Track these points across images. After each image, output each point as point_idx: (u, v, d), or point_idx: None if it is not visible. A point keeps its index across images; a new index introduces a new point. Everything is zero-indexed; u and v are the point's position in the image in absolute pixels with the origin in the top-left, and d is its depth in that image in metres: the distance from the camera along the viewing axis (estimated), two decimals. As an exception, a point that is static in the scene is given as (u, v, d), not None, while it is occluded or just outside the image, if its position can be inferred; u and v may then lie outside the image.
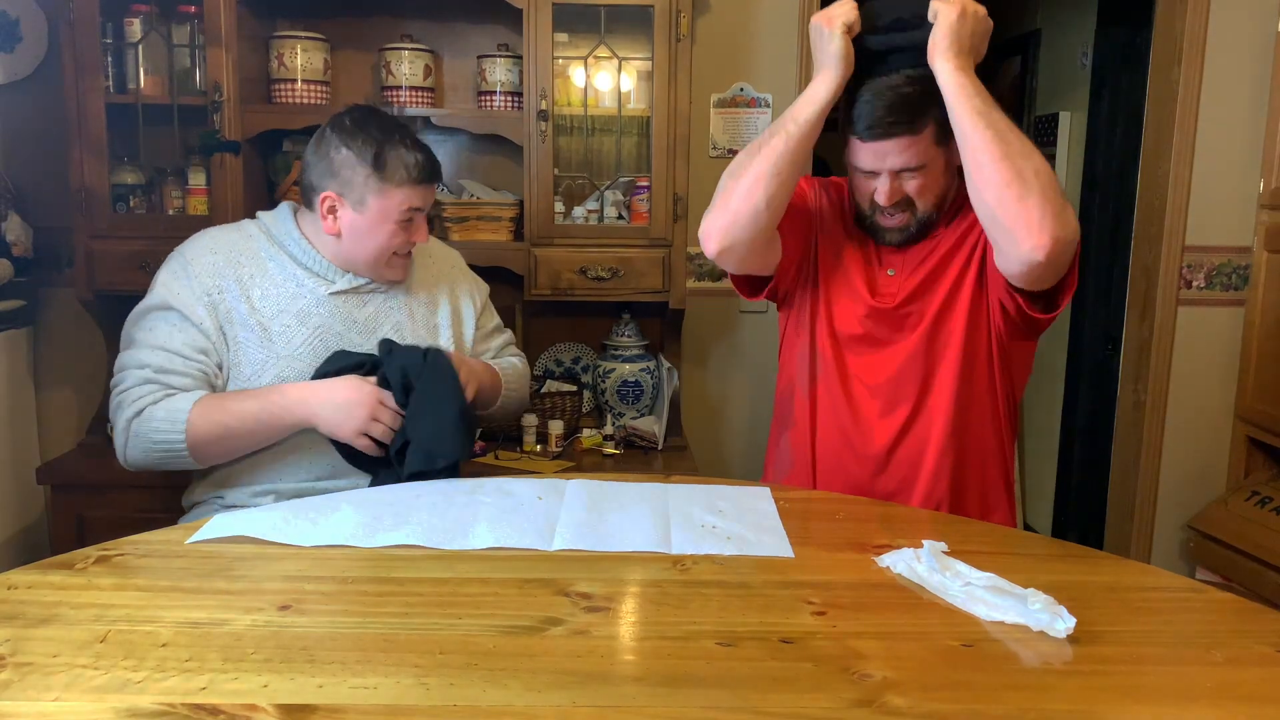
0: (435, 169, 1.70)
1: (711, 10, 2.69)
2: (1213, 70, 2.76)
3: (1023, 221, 1.38)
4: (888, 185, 1.53)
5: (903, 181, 1.53)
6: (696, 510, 1.33)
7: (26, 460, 2.59)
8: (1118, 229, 3.31)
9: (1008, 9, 4.19)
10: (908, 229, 1.58)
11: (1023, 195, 1.38)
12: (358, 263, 1.71)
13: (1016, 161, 1.39)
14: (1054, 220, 1.37)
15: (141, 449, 1.59)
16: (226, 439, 1.59)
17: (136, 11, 2.36)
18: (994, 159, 1.40)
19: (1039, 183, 1.39)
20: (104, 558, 1.15)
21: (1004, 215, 1.40)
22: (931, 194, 1.56)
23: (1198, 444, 2.92)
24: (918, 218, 1.57)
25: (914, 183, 1.54)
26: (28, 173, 2.58)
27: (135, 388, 1.60)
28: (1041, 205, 1.38)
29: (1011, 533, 1.36)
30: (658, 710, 0.84)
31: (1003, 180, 1.39)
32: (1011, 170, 1.39)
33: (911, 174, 1.53)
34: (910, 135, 1.49)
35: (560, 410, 2.56)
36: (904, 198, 1.55)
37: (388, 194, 1.65)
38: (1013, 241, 1.40)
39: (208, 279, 1.65)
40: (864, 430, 1.63)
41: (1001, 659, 0.95)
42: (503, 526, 1.25)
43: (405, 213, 1.67)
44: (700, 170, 2.69)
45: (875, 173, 1.54)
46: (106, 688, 0.86)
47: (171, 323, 1.63)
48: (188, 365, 1.61)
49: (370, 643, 0.95)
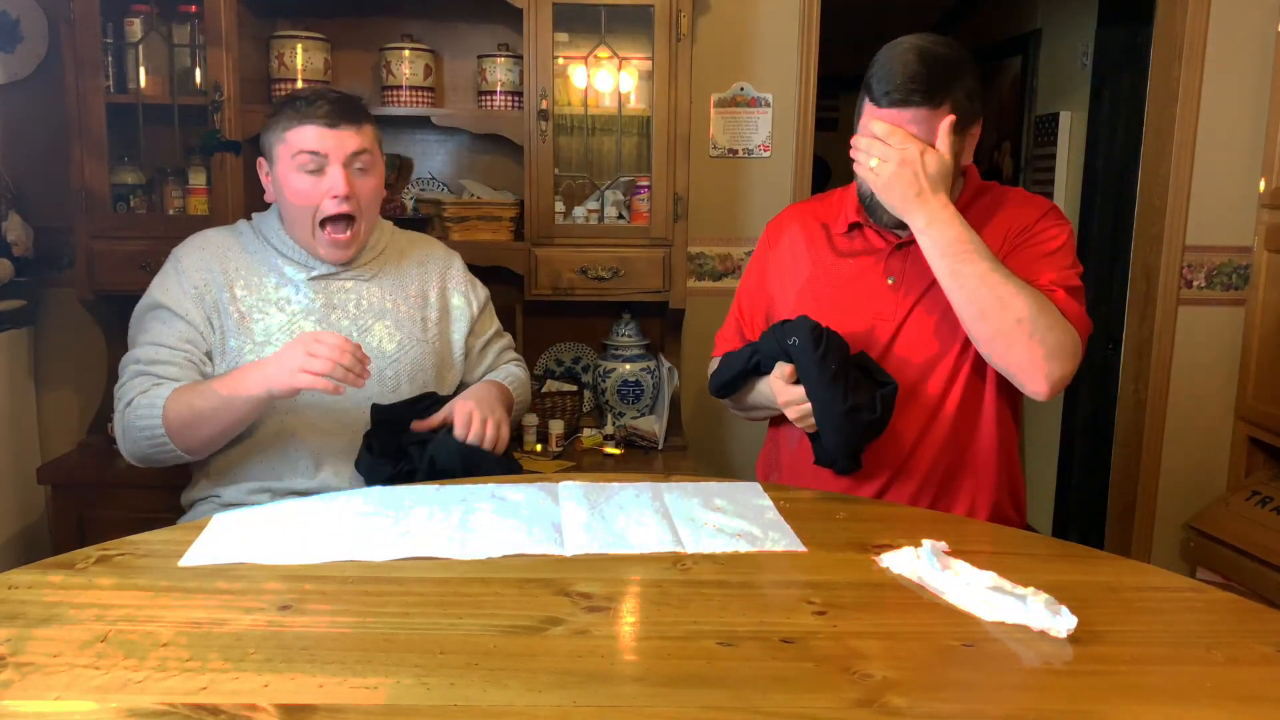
0: (336, 112, 1.64)
1: (711, 10, 2.69)
2: (1213, 70, 2.76)
3: (1017, 369, 1.47)
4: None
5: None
6: (697, 509, 1.33)
7: (27, 460, 2.59)
8: (1118, 229, 3.31)
9: (1008, 9, 4.19)
10: None
11: (1009, 347, 1.45)
12: (296, 236, 1.72)
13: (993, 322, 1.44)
14: (1046, 363, 1.44)
15: (132, 439, 1.63)
16: (198, 421, 1.59)
17: (137, 11, 2.36)
18: (971, 318, 1.46)
19: (1023, 331, 1.43)
20: (104, 558, 1.15)
21: (1002, 364, 1.49)
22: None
23: (1198, 444, 2.92)
24: None
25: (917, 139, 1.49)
26: (28, 173, 2.58)
27: (129, 382, 1.65)
28: (1029, 354, 1.43)
29: (1011, 533, 1.36)
30: (658, 710, 0.84)
31: (983, 338, 1.47)
32: (991, 331, 1.45)
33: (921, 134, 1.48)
34: (929, 106, 1.46)
35: (560, 410, 2.56)
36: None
37: (283, 139, 1.67)
38: (1018, 382, 1.49)
39: (195, 274, 1.71)
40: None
41: (1001, 659, 0.95)
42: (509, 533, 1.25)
43: (303, 157, 1.65)
44: (700, 170, 2.70)
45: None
46: (107, 688, 0.86)
47: (161, 319, 1.69)
48: (174, 355, 1.66)
49: (370, 643, 0.95)
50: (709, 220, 2.76)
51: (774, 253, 1.74)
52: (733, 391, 1.66)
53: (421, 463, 1.58)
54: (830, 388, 1.45)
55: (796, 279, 1.68)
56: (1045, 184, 3.78)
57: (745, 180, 2.78)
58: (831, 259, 1.66)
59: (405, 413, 1.67)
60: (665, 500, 1.37)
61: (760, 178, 2.78)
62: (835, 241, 1.67)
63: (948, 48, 1.48)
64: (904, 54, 1.47)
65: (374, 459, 1.61)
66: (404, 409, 1.68)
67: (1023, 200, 1.64)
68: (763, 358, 1.57)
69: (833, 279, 1.65)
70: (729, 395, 1.67)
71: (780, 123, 2.75)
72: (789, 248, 1.71)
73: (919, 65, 1.45)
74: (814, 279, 1.66)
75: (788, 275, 1.70)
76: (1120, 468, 3.08)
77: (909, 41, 1.48)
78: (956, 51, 1.49)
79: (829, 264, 1.66)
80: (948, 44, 1.49)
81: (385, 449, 1.62)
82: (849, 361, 1.49)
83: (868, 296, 1.61)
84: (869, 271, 1.63)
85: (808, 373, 1.48)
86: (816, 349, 1.46)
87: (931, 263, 1.48)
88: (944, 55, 1.47)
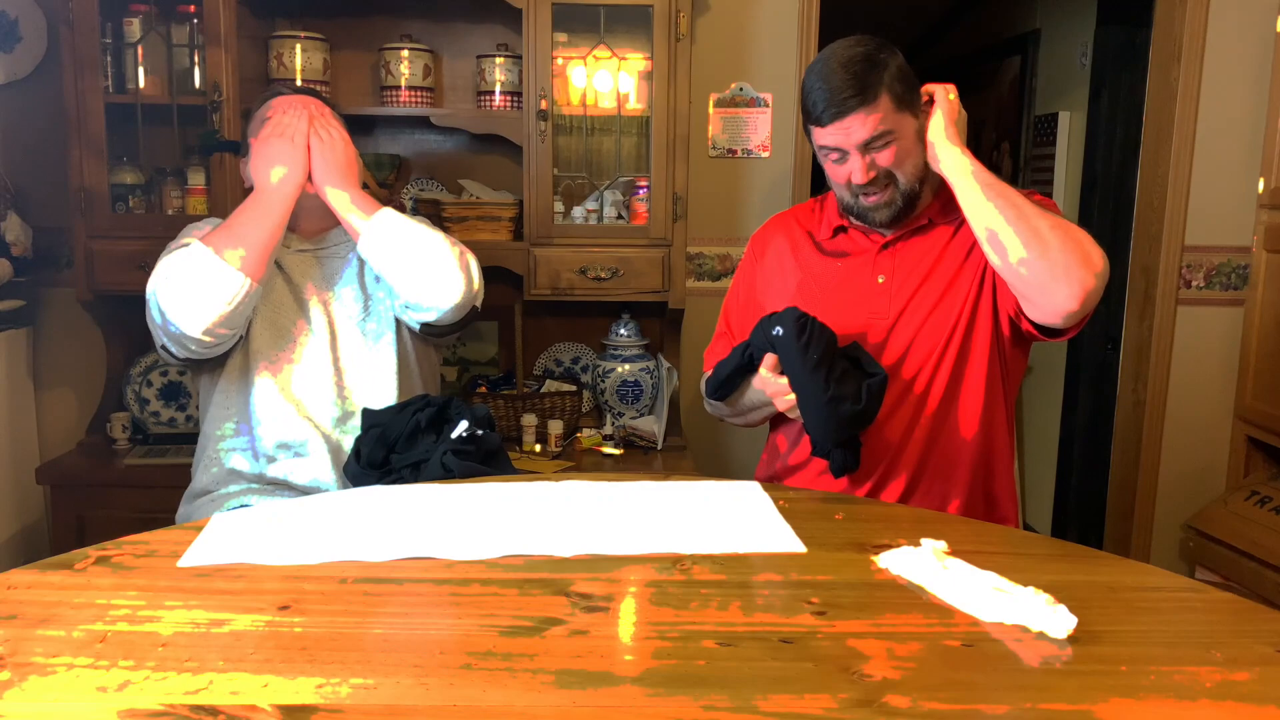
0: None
1: (711, 10, 2.69)
2: (1213, 70, 2.76)
3: (1049, 277, 1.41)
4: (860, 162, 1.52)
5: (874, 155, 1.53)
6: (697, 509, 1.33)
7: (26, 460, 2.59)
8: (1118, 229, 3.31)
9: (1008, 9, 4.19)
10: (894, 204, 1.57)
11: (1044, 252, 1.41)
12: None
13: (1032, 222, 1.43)
14: (1080, 269, 1.41)
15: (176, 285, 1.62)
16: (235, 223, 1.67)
17: (136, 11, 2.37)
18: (1008, 221, 1.43)
19: (1056, 236, 1.41)
20: (104, 558, 1.15)
21: (1031, 273, 1.43)
22: (908, 163, 1.55)
23: (1197, 444, 2.92)
24: (901, 190, 1.56)
25: (885, 153, 1.53)
26: (27, 173, 2.58)
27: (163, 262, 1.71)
28: (1065, 257, 1.41)
29: (1011, 533, 1.36)
30: (658, 710, 0.84)
31: (1021, 241, 1.42)
32: (1028, 231, 1.42)
33: (881, 145, 1.52)
34: (867, 106, 1.49)
35: (560, 410, 2.56)
36: (881, 172, 1.54)
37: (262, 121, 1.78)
38: (1044, 296, 1.43)
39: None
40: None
41: (1001, 659, 0.95)
42: (509, 533, 1.25)
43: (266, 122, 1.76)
44: (700, 170, 2.70)
45: (844, 153, 1.53)
46: (107, 688, 0.86)
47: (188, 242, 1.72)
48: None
49: (370, 643, 0.95)
50: (708, 220, 2.76)
51: (761, 265, 1.75)
52: (729, 391, 1.66)
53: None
54: (812, 376, 1.45)
55: (786, 287, 1.69)
56: (1044, 184, 3.78)
57: (745, 180, 2.78)
58: (820, 263, 1.67)
59: (394, 418, 1.65)
60: (665, 500, 1.37)
61: (760, 178, 2.78)
62: (822, 245, 1.69)
63: (861, 45, 1.52)
64: (824, 71, 1.52)
65: (359, 469, 1.60)
66: (393, 414, 1.66)
67: None
68: (755, 350, 1.57)
69: (823, 283, 1.65)
70: (725, 396, 1.67)
71: (780, 123, 2.75)
72: (775, 258, 1.72)
73: (843, 74, 1.50)
74: (804, 284, 1.67)
75: (776, 284, 1.71)
76: (1119, 468, 3.08)
77: (825, 56, 1.54)
78: (870, 45, 1.52)
79: (818, 268, 1.67)
80: (859, 41, 1.53)
81: (373, 459, 1.61)
82: (834, 351, 1.48)
83: (859, 297, 1.62)
84: (859, 272, 1.63)
85: (790, 362, 1.48)
86: (800, 338, 1.46)
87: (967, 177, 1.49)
88: (860, 54, 1.51)
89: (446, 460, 1.57)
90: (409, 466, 1.59)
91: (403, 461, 1.60)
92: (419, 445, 1.62)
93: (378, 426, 1.64)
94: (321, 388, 1.76)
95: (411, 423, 1.63)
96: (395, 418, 1.65)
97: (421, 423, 1.64)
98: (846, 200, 1.61)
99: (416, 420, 1.64)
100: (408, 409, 1.66)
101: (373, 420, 1.65)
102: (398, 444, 1.62)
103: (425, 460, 1.59)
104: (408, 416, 1.65)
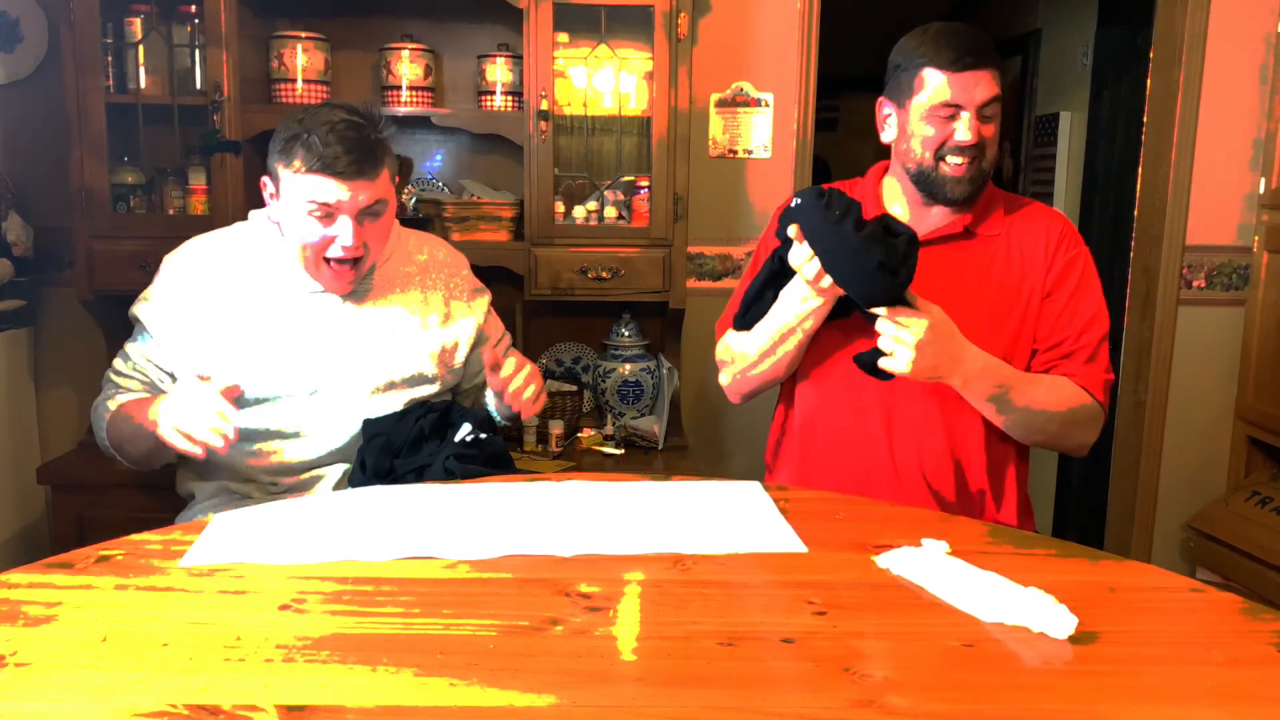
0: (354, 165, 1.54)
1: (711, 10, 2.69)
2: (1213, 70, 2.76)
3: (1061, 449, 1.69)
4: (973, 121, 1.50)
5: (982, 122, 1.52)
6: (697, 509, 1.33)
7: (27, 460, 2.59)
8: (1118, 229, 3.31)
9: (1009, 9, 4.19)
10: (975, 179, 1.55)
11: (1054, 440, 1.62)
12: (299, 262, 1.65)
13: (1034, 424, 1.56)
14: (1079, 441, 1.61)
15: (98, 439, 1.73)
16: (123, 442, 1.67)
17: (136, 11, 2.37)
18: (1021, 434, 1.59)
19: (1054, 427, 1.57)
20: (104, 558, 1.15)
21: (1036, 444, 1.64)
22: (995, 146, 1.55)
23: (1198, 444, 2.92)
24: (982, 169, 1.55)
25: (990, 125, 1.52)
26: (28, 173, 2.58)
27: (104, 381, 1.76)
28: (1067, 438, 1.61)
29: (1011, 532, 1.36)
30: (658, 710, 0.84)
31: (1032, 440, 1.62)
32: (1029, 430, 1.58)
33: (989, 115, 1.52)
34: (994, 70, 1.51)
35: (560, 410, 2.56)
36: (981, 141, 1.52)
37: (290, 180, 1.58)
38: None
39: (176, 286, 1.69)
40: (864, 429, 1.62)
41: (1001, 659, 0.95)
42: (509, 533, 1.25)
43: (311, 205, 1.56)
44: (700, 170, 2.70)
45: (957, 110, 1.51)
46: (107, 688, 0.86)
47: (136, 331, 1.74)
48: (134, 370, 1.72)
49: (370, 643, 0.95)
50: (709, 221, 2.76)
51: None
52: (758, 317, 1.59)
53: None
54: (838, 228, 1.38)
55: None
56: (1045, 184, 3.78)
57: (745, 181, 2.78)
58: None
59: (396, 426, 1.64)
60: (665, 500, 1.37)
61: (760, 178, 2.77)
62: None
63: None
64: (947, 29, 1.52)
65: (366, 480, 1.59)
66: (395, 422, 1.65)
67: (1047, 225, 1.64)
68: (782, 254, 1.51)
69: None
70: (753, 323, 1.61)
71: (780, 123, 2.75)
72: None
73: (971, 34, 1.51)
74: None
75: None
76: (1120, 467, 3.08)
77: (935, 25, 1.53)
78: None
79: None
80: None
81: (379, 468, 1.60)
82: (858, 213, 1.41)
83: None
84: None
85: (813, 225, 1.41)
86: (820, 199, 1.41)
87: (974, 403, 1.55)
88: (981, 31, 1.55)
89: (449, 464, 1.57)
90: (413, 472, 1.59)
91: (407, 468, 1.60)
92: (423, 452, 1.61)
93: (381, 436, 1.63)
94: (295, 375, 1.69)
95: (415, 430, 1.63)
96: (397, 426, 1.64)
97: (425, 429, 1.63)
98: (926, 167, 1.55)
99: (420, 427, 1.63)
100: (409, 416, 1.66)
101: (375, 430, 1.64)
102: (402, 452, 1.62)
103: (429, 465, 1.59)
104: (410, 424, 1.64)
